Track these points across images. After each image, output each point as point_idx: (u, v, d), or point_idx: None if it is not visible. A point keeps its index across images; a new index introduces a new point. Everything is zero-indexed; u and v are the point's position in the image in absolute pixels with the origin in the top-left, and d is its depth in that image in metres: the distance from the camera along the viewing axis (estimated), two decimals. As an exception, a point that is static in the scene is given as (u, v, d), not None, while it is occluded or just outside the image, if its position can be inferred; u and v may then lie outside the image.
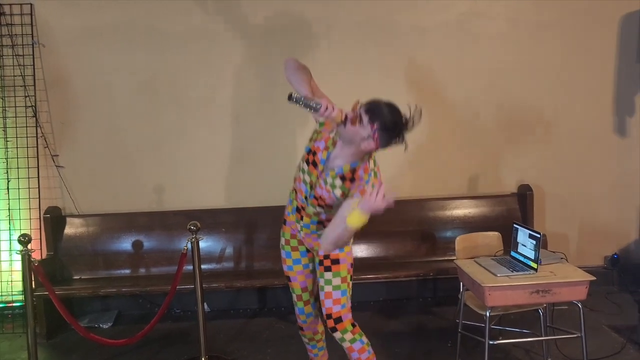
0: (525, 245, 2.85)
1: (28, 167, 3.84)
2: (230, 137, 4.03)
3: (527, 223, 3.95)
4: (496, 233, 3.24)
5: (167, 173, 4.02)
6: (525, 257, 2.85)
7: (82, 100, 3.93)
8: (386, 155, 4.01)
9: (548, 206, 4.18)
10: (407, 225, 4.03)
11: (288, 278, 2.63)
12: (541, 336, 2.99)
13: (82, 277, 3.85)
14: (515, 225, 2.97)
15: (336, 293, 2.43)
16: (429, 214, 4.07)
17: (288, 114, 3.92)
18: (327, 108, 2.10)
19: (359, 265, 3.85)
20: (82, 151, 3.97)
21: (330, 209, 2.36)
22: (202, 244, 3.75)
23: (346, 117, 2.14)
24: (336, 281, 2.44)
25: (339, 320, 2.43)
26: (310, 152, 2.36)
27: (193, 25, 3.90)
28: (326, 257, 2.44)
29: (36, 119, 3.84)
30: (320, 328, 2.75)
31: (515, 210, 4.06)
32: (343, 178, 2.29)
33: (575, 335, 2.82)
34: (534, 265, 2.76)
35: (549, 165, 4.17)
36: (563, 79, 4.11)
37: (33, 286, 3.05)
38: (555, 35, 4.06)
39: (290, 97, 2.10)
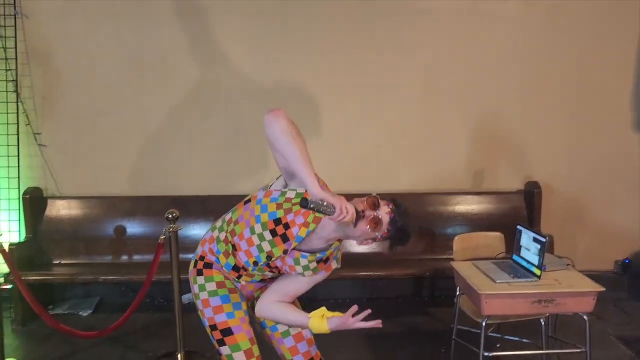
0: (528, 249, 2.62)
1: (8, 145, 3.66)
2: (222, 119, 3.81)
3: (533, 223, 3.71)
4: (498, 234, 3.01)
5: (154, 155, 3.82)
6: (528, 262, 2.61)
7: (66, 76, 3.73)
8: (384, 145, 3.87)
9: (556, 205, 3.93)
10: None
11: (228, 332, 1.94)
12: (542, 348, 2.76)
13: (62, 262, 3.68)
14: (519, 227, 2.74)
15: (306, 333, 2.06)
16: (428, 209, 3.84)
17: (284, 96, 3.70)
18: (341, 211, 1.69)
19: (351, 260, 3.65)
20: (66, 130, 3.77)
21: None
22: (188, 232, 3.59)
23: (357, 217, 1.74)
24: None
25: None
26: (279, 222, 1.84)
27: (181, 2, 3.66)
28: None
29: (17, 94, 3.65)
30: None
31: (521, 208, 3.81)
32: (310, 261, 1.90)
33: (579, 350, 2.60)
34: (537, 271, 2.52)
35: (560, 161, 3.92)
36: (579, 68, 3.83)
37: (2, 272, 2.88)
38: (573, 22, 3.78)
39: (305, 205, 1.68)
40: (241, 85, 3.77)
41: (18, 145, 3.66)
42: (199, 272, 1.99)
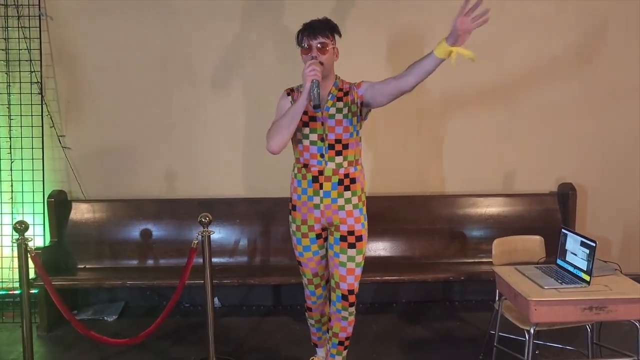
0: (575, 254, 2.52)
1: (32, 148, 3.61)
2: (249, 120, 3.74)
3: (568, 225, 3.62)
4: (538, 237, 2.92)
5: (179, 158, 3.76)
6: (574, 267, 2.52)
7: (90, 78, 3.68)
8: (412, 146, 3.79)
9: (590, 207, 3.83)
10: (434, 223, 3.72)
11: (299, 263, 2.61)
12: (588, 356, 2.67)
13: (87, 266, 3.62)
14: (563, 230, 2.65)
15: (357, 270, 2.47)
16: (458, 212, 3.76)
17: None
18: (317, 75, 2.25)
19: (381, 264, 3.58)
20: (90, 132, 3.72)
21: (347, 150, 2.39)
22: (215, 236, 3.50)
23: (316, 59, 2.31)
24: (359, 258, 2.46)
25: (356, 295, 2.50)
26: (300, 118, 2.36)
27: (207, 0, 3.60)
28: (350, 232, 2.43)
29: (42, 96, 3.60)
30: (327, 310, 2.71)
31: (555, 211, 3.72)
32: (339, 99, 2.38)
33: (631, 359, 2.50)
34: (585, 277, 2.43)
35: (593, 162, 3.82)
36: (614, 67, 3.73)
37: (29, 277, 2.82)
38: (606, 22, 3.68)
39: (316, 107, 2.27)
40: (270, 87, 3.69)
41: (43, 148, 3.61)
42: (289, 212, 2.56)
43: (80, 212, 3.69)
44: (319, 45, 2.32)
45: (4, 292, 3.67)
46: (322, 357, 2.83)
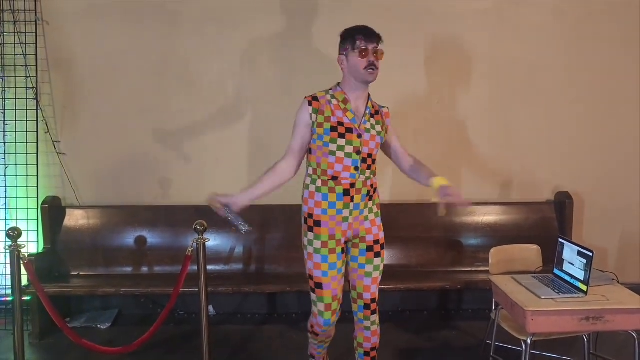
0: (572, 264, 2.52)
1: (27, 153, 3.58)
2: (245, 127, 3.73)
3: (565, 234, 3.61)
4: (535, 246, 2.92)
5: (174, 164, 3.74)
6: (572, 276, 2.51)
7: (86, 83, 3.66)
8: (411, 154, 3.77)
9: (587, 216, 3.83)
10: (431, 231, 3.71)
11: (319, 285, 2.37)
12: (585, 366, 2.66)
13: (81, 274, 3.59)
14: (560, 240, 2.64)
15: (380, 278, 2.46)
16: (455, 220, 3.75)
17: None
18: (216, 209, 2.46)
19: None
20: (85, 138, 3.70)
21: (374, 164, 2.40)
22: (210, 243, 3.46)
23: (373, 63, 2.27)
24: (382, 266, 2.46)
25: (377, 303, 2.47)
26: (336, 128, 2.30)
27: (206, 6, 3.60)
28: (376, 242, 2.41)
29: (37, 102, 3.58)
30: (333, 332, 2.61)
31: (552, 219, 3.72)
32: (372, 115, 2.38)
33: (628, 370, 2.49)
34: (583, 287, 2.42)
35: (590, 171, 3.82)
36: (610, 76, 3.75)
37: (22, 284, 2.79)
38: (603, 30, 3.69)
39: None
40: (266, 93, 3.69)
41: (37, 153, 3.58)
42: (310, 229, 2.36)
43: (75, 219, 3.66)
44: (376, 49, 2.30)
45: (-4, 299, 3.64)
46: None
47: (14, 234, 2.64)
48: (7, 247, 2.66)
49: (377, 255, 2.41)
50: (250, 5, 3.61)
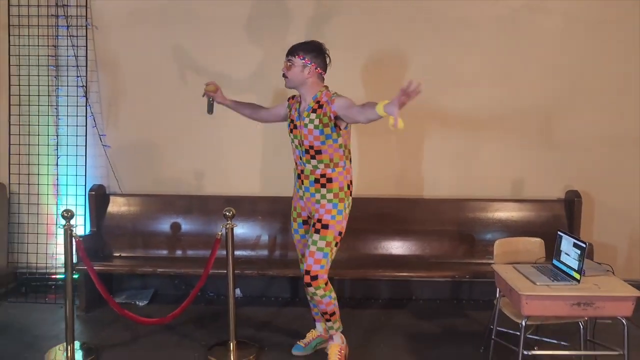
0: (568, 255, 2.72)
1: (77, 145, 3.97)
2: (271, 125, 4.02)
3: (573, 231, 3.77)
4: (538, 239, 3.11)
5: (207, 158, 4.08)
6: (568, 266, 2.72)
7: (128, 83, 4.03)
8: (426, 152, 4.01)
9: (597, 214, 3.98)
10: (445, 225, 3.93)
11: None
12: (580, 350, 2.85)
13: (122, 255, 3.96)
14: (559, 233, 2.84)
15: (318, 254, 2.79)
16: (468, 215, 3.95)
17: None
18: (205, 91, 3.10)
19: (393, 262, 3.81)
20: (127, 132, 4.07)
21: (321, 155, 2.78)
22: (238, 230, 3.79)
23: (283, 73, 2.83)
24: (321, 243, 2.79)
25: (315, 277, 2.79)
26: (289, 124, 2.90)
27: (237, 13, 3.91)
28: (319, 220, 2.81)
29: (86, 99, 3.96)
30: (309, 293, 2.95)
31: (562, 217, 3.88)
32: (314, 110, 2.77)
33: (616, 353, 2.68)
34: (576, 275, 2.63)
35: (600, 171, 3.97)
36: (620, 80, 3.88)
37: (74, 260, 3.15)
38: (614, 34, 3.84)
39: (209, 112, 3.14)
40: (289, 92, 3.96)
41: (85, 146, 3.97)
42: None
43: (117, 205, 4.04)
44: (287, 62, 2.82)
45: (46, 277, 4.05)
46: (319, 331, 3.18)
47: (67, 215, 3.00)
48: (61, 226, 3.03)
49: (317, 232, 2.80)
50: (275, 14, 3.89)
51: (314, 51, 2.78)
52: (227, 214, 3.05)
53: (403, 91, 2.31)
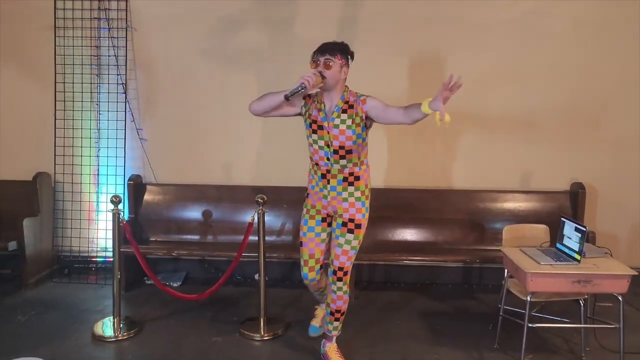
0: (570, 238, 2.99)
1: (116, 138, 4.30)
2: (295, 120, 4.31)
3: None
4: (543, 226, 3.38)
5: (236, 150, 4.39)
6: (569, 248, 2.99)
7: (164, 81, 4.35)
8: (440, 145, 4.28)
9: (600, 206, 4.24)
10: (457, 214, 4.21)
11: (301, 243, 2.99)
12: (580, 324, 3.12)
13: (157, 240, 4.29)
14: (562, 219, 3.11)
15: (352, 252, 2.85)
16: (479, 205, 4.23)
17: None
18: (308, 81, 2.62)
19: (408, 248, 4.10)
20: (162, 127, 4.40)
21: (351, 154, 2.76)
22: (265, 217, 4.09)
23: (320, 72, 2.70)
24: (355, 243, 2.84)
25: (346, 273, 2.86)
26: (311, 125, 2.82)
27: (264, 14, 4.20)
28: (351, 220, 2.82)
29: (125, 96, 4.29)
30: (325, 283, 3.08)
31: (567, 207, 4.15)
32: (344, 111, 2.74)
33: (613, 326, 2.95)
34: (577, 256, 2.90)
35: (605, 165, 4.22)
36: (626, 79, 4.13)
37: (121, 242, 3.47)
38: (621, 35, 4.09)
39: (286, 97, 2.66)
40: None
41: (125, 139, 4.30)
42: (305, 198, 2.99)
43: (153, 194, 4.37)
44: (327, 61, 2.70)
45: (87, 259, 4.39)
46: (323, 308, 3.25)
47: (116, 200, 3.32)
48: (110, 210, 3.36)
49: (350, 231, 2.81)
50: (301, 15, 4.18)
51: (347, 52, 2.78)
52: (260, 200, 3.35)
53: (445, 86, 2.36)
